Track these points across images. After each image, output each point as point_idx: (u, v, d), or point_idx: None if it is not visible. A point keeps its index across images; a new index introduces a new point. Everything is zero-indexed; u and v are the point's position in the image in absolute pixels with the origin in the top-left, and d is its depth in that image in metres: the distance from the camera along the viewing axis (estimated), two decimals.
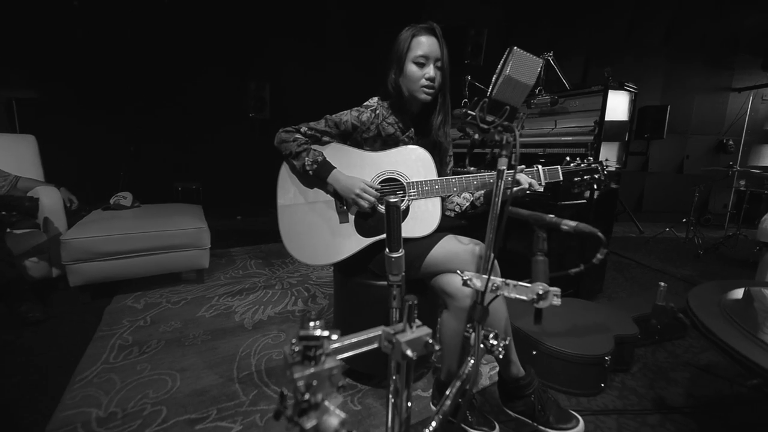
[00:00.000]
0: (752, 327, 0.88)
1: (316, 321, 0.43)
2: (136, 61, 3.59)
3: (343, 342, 0.50)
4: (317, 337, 0.42)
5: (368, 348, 0.53)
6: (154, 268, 2.08)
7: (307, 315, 0.45)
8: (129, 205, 2.35)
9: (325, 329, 0.43)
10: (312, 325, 0.43)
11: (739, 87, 4.68)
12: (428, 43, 1.07)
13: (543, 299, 0.65)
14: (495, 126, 0.75)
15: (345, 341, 0.51)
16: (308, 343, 0.42)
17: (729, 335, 0.83)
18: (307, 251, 1.10)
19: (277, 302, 2.04)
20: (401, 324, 0.54)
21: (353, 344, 0.52)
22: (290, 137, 1.10)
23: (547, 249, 0.70)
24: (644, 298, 1.95)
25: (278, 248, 3.15)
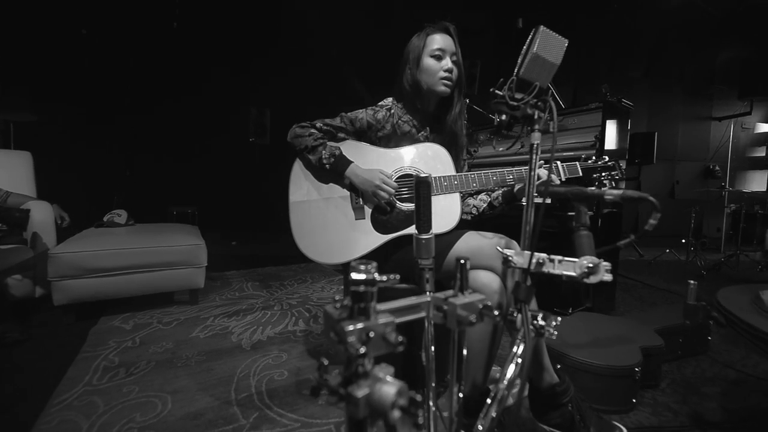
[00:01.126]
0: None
1: (368, 265, 0.37)
2: (138, 85, 3.64)
3: (386, 309, 0.44)
4: (372, 280, 0.36)
5: (414, 317, 0.47)
6: (146, 288, 1.96)
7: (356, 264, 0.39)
8: (123, 223, 2.26)
9: (378, 273, 0.37)
10: (364, 268, 0.37)
11: (719, 116, 4.93)
12: (443, 39, 1.09)
13: (593, 273, 0.60)
14: (525, 102, 0.73)
15: (388, 306, 0.44)
16: (362, 287, 0.36)
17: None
18: (321, 248, 1.03)
19: (277, 323, 1.92)
20: (451, 291, 0.48)
21: (398, 310, 0.45)
22: (305, 132, 1.07)
23: (590, 223, 0.65)
24: (659, 312, 1.89)
25: (276, 271, 3.04)
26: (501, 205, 1.17)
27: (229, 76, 4.03)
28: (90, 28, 3.25)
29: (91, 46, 3.30)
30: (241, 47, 4.00)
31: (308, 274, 2.96)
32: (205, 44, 3.79)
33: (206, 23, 3.74)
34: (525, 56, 0.76)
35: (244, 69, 4.06)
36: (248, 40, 4.01)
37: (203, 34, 3.75)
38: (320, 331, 1.83)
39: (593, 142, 2.10)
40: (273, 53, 4.16)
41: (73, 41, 3.27)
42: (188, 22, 3.57)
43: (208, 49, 3.83)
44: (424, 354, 0.58)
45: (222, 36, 3.85)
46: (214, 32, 3.80)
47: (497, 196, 1.17)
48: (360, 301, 0.36)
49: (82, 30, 3.19)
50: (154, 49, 3.62)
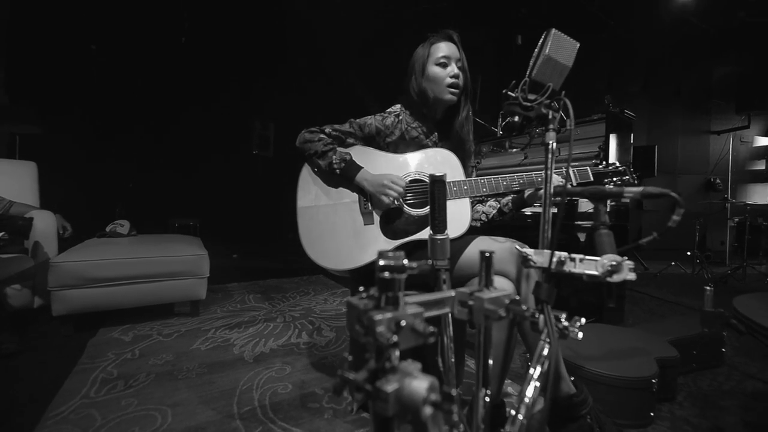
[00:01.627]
0: None
1: (397, 252, 0.36)
2: (144, 98, 3.69)
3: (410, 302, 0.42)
4: (401, 267, 0.34)
5: (439, 312, 0.45)
6: (147, 298, 1.93)
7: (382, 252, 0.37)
8: (126, 233, 2.24)
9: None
10: (392, 255, 0.35)
11: (718, 130, 4.98)
12: (447, 46, 1.11)
13: (616, 272, 0.58)
14: (538, 103, 0.73)
15: (412, 300, 0.42)
16: (390, 274, 0.34)
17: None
18: (329, 254, 1.01)
19: (280, 335, 1.87)
20: (473, 287, 0.46)
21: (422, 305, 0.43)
22: (315, 137, 1.07)
23: (609, 222, 0.64)
24: (671, 324, 1.85)
25: (277, 284, 3.00)
26: (511, 211, 1.16)
27: (234, 90, 4.09)
28: (99, 43, 3.32)
29: (99, 60, 3.36)
30: (246, 62, 4.08)
31: (311, 287, 2.92)
32: (211, 59, 3.87)
33: (213, 39, 3.83)
34: (537, 58, 0.76)
35: (248, 83, 4.13)
36: (253, 54, 4.09)
37: (210, 49, 3.83)
38: (325, 343, 1.78)
39: (597, 153, 2.11)
40: (278, 68, 4.24)
41: (82, 56, 3.34)
42: (195, 38, 3.65)
43: (214, 63, 3.90)
44: (441, 358, 0.56)
45: (228, 51, 3.93)
46: (220, 47, 3.88)
47: (507, 202, 1.16)
48: (388, 289, 0.34)
49: (92, 45, 3.26)
50: (161, 63, 3.69)
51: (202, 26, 3.66)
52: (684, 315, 2.36)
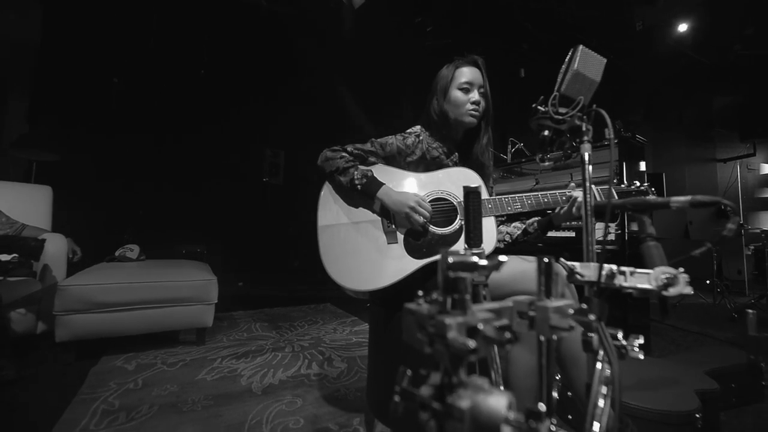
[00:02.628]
0: None
1: (471, 249, 0.33)
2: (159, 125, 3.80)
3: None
4: (472, 264, 0.31)
5: (496, 324, 0.41)
6: (152, 325, 1.86)
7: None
8: (135, 258, 2.21)
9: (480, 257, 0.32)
10: (466, 251, 0.32)
11: (724, 158, 5.00)
12: (472, 72, 1.13)
13: (672, 285, 0.54)
14: (571, 116, 0.72)
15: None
16: (459, 273, 0.31)
17: None
18: (352, 274, 0.97)
19: (289, 365, 1.78)
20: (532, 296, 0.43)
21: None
22: (337, 155, 1.07)
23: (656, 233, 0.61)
24: (704, 354, 1.75)
25: (285, 312, 2.91)
26: (536, 231, 1.13)
27: (246, 119, 4.21)
28: (122, 76, 3.47)
29: (120, 91, 3.50)
30: (259, 92, 4.23)
31: (318, 315, 2.83)
32: (227, 89, 4.02)
33: (229, 70, 4.00)
34: (565, 74, 0.76)
35: (261, 112, 4.26)
36: (266, 85, 4.25)
37: (226, 80, 3.99)
38: (336, 374, 1.69)
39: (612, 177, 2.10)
40: (289, 98, 4.39)
41: (104, 88, 3.48)
42: (213, 69, 3.82)
43: (229, 93, 4.05)
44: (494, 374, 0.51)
45: (242, 81, 4.09)
46: (235, 78, 4.04)
47: (532, 222, 1.13)
48: (454, 291, 0.31)
49: (114, 79, 3.41)
50: (179, 94, 3.83)
51: (220, 59, 3.84)
52: (715, 346, 2.24)
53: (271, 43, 3.98)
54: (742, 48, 3.94)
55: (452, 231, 1.03)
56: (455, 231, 1.03)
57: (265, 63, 4.13)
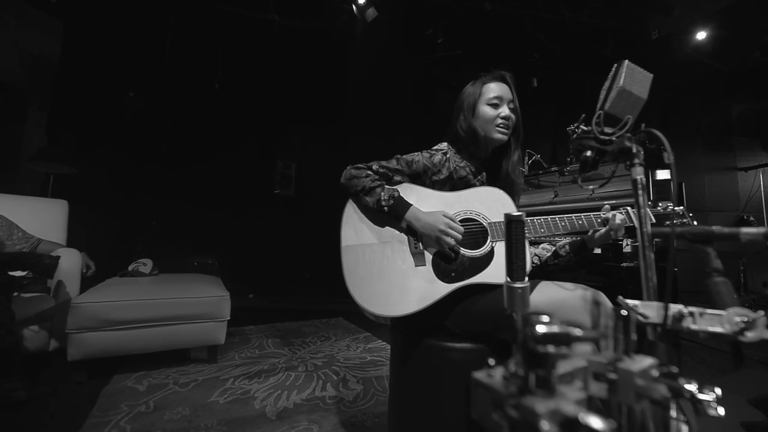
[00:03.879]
0: None
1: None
2: (172, 137, 3.84)
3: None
4: (566, 336, 0.26)
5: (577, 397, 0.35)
6: (164, 343, 1.83)
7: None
8: (148, 272, 2.20)
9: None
10: (547, 319, 0.27)
11: (745, 166, 4.85)
12: (499, 87, 1.09)
13: (750, 329, 0.48)
14: (619, 136, 0.67)
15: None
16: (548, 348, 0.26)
17: None
18: (378, 298, 0.92)
19: (303, 387, 1.73)
20: (610, 352, 0.37)
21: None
22: (362, 173, 1.03)
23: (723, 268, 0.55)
24: (740, 378, 1.65)
25: (296, 327, 2.86)
26: (568, 254, 1.06)
27: (259, 131, 4.23)
28: (138, 90, 3.52)
29: (135, 104, 3.55)
30: (272, 104, 4.25)
31: (330, 331, 2.77)
32: (240, 102, 4.06)
33: (243, 84, 4.04)
34: (609, 91, 0.71)
35: (273, 125, 4.28)
36: (277, 98, 4.28)
37: (239, 94, 4.03)
38: (353, 397, 1.63)
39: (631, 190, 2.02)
40: (303, 110, 4.41)
41: (120, 102, 3.54)
42: (227, 83, 3.86)
43: (242, 106, 4.08)
44: None
45: (253, 94, 4.12)
46: (246, 91, 4.08)
47: (564, 245, 1.07)
48: (540, 366, 0.26)
49: (130, 93, 3.46)
50: (193, 107, 3.87)
51: (233, 72, 3.88)
52: (749, 367, 2.11)
53: (284, 56, 4.01)
54: (762, 55, 3.84)
55: (483, 254, 0.97)
56: (486, 254, 0.97)
57: (278, 76, 4.16)
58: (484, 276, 0.95)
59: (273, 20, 3.38)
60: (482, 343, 0.92)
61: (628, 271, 1.93)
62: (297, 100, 4.39)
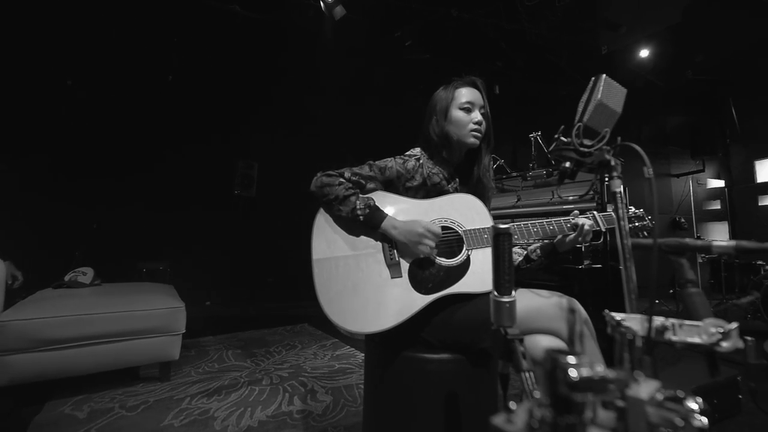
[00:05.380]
0: None
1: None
2: (118, 132, 3.50)
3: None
4: (602, 381, 0.24)
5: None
6: (108, 362, 1.65)
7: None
8: (88, 283, 1.97)
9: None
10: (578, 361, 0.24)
11: (677, 173, 5.39)
12: (471, 92, 1.09)
13: (726, 340, 0.50)
14: (597, 149, 0.68)
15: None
16: (581, 396, 0.23)
17: None
18: (354, 315, 0.87)
19: (268, 402, 1.63)
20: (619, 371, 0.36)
21: None
22: (334, 181, 0.97)
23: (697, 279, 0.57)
24: (683, 370, 1.80)
25: (259, 336, 2.72)
26: (540, 258, 1.09)
27: (218, 128, 3.99)
28: (76, 78, 3.16)
29: (72, 96, 3.19)
30: (233, 100, 4.02)
31: (296, 338, 2.67)
32: (197, 96, 3.79)
33: (200, 76, 3.78)
34: (588, 104, 0.73)
35: (234, 121, 4.05)
36: (241, 93, 4.06)
37: (196, 87, 3.76)
38: (322, 410, 1.56)
39: (591, 196, 2.15)
40: (265, 107, 4.21)
41: (54, 91, 3.16)
42: (183, 75, 3.59)
43: (200, 101, 3.82)
44: None
45: (215, 89, 3.87)
46: (207, 85, 3.82)
47: (535, 249, 1.09)
48: (569, 411, 0.23)
49: (68, 81, 3.10)
50: (142, 99, 3.55)
51: (190, 64, 3.61)
52: (696, 360, 2.31)
53: (246, 50, 3.81)
54: (693, 74, 4.28)
55: (459, 263, 0.96)
56: (462, 263, 0.96)
57: (239, 70, 3.94)
58: (461, 285, 0.94)
59: (235, 11, 3.19)
60: (461, 354, 0.90)
61: (586, 271, 2.04)
62: (260, 96, 4.19)
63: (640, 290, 1.09)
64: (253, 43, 3.73)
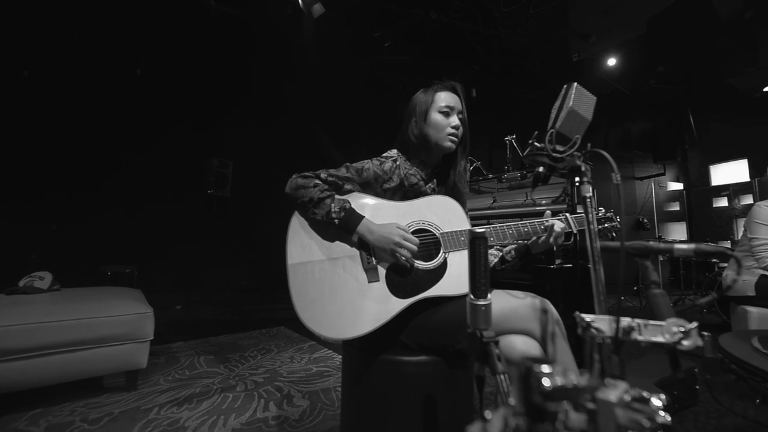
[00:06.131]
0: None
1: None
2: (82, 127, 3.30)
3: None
4: (574, 389, 0.24)
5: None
6: (68, 373, 1.54)
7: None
8: (46, 288, 1.84)
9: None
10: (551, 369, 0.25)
11: (641, 176, 5.69)
12: (450, 96, 1.10)
13: (687, 338, 0.53)
14: (569, 155, 0.71)
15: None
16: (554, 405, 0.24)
17: None
18: (331, 321, 0.86)
19: (242, 409, 1.58)
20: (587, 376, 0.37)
21: None
22: (309, 183, 0.95)
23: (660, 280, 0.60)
24: (644, 364, 1.89)
25: (233, 340, 2.64)
26: (514, 259, 1.11)
27: (190, 125, 3.84)
28: (33, 69, 2.95)
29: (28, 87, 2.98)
30: (206, 96, 3.88)
31: (272, 342, 2.61)
32: (168, 91, 3.63)
33: (171, 71, 3.62)
34: (560, 110, 0.75)
35: (207, 118, 3.91)
36: (215, 89, 3.92)
37: (167, 82, 3.60)
38: (298, 415, 1.53)
39: (562, 197, 2.23)
40: (240, 104, 4.10)
41: (8, 82, 2.93)
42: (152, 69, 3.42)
43: (170, 96, 3.66)
44: None
45: (187, 84, 3.73)
46: (178, 80, 3.67)
47: (510, 251, 1.12)
48: (543, 419, 0.24)
49: (24, 71, 2.89)
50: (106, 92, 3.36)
51: (160, 58, 3.45)
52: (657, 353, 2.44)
53: (221, 45, 3.68)
54: (655, 82, 4.53)
55: (436, 266, 0.97)
56: (439, 266, 0.97)
57: (213, 65, 3.81)
58: (438, 289, 0.94)
59: (209, 5, 3.08)
60: (438, 356, 0.91)
61: (557, 270, 2.11)
62: (236, 92, 4.07)
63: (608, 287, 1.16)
64: (228, 38, 3.62)
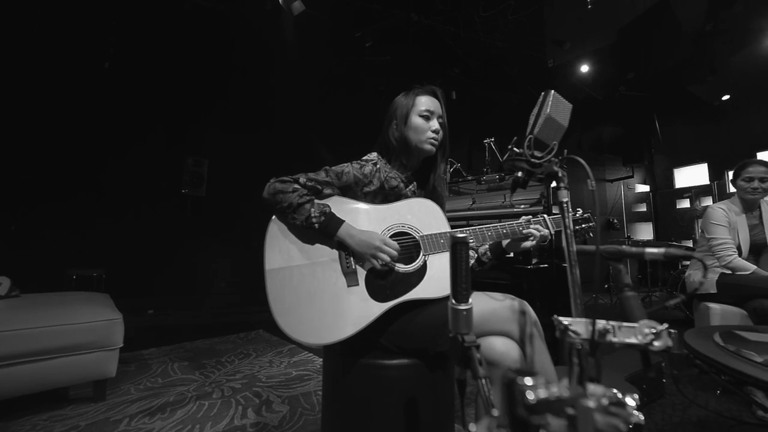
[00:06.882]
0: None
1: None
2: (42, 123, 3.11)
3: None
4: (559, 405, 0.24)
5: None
6: (29, 384, 1.45)
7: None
8: (3, 294, 1.72)
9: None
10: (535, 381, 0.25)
11: (611, 179, 5.95)
12: (431, 101, 1.11)
13: (658, 339, 0.55)
14: (547, 161, 0.72)
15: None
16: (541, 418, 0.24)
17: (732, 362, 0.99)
18: (310, 326, 0.84)
19: (218, 417, 1.54)
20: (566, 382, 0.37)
21: None
22: (288, 187, 0.93)
23: (632, 282, 0.62)
24: (615, 359, 1.97)
25: (209, 345, 2.56)
26: (490, 260, 1.13)
27: (163, 122, 3.68)
28: None
29: None
30: (180, 91, 3.74)
31: (250, 346, 2.55)
32: (139, 87, 3.47)
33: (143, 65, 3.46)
34: (538, 117, 0.77)
35: (182, 115, 3.77)
36: (189, 84, 3.79)
37: (138, 76, 3.44)
38: (278, 421, 1.50)
39: (539, 199, 2.29)
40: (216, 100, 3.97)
41: None
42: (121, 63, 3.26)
43: (142, 91, 3.50)
44: None
45: (159, 79, 3.58)
46: (148, 74, 3.51)
47: (485, 251, 1.13)
48: (528, 430, 0.24)
49: None
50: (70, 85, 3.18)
51: (131, 51, 3.29)
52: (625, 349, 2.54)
53: (196, 39, 3.56)
54: (625, 89, 4.74)
55: (415, 269, 0.97)
56: (419, 268, 0.97)
57: (188, 60, 3.68)
58: (418, 291, 0.94)
59: None
60: (418, 359, 0.91)
61: (534, 270, 2.17)
62: (212, 88, 3.94)
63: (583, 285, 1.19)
64: (204, 31, 3.50)
